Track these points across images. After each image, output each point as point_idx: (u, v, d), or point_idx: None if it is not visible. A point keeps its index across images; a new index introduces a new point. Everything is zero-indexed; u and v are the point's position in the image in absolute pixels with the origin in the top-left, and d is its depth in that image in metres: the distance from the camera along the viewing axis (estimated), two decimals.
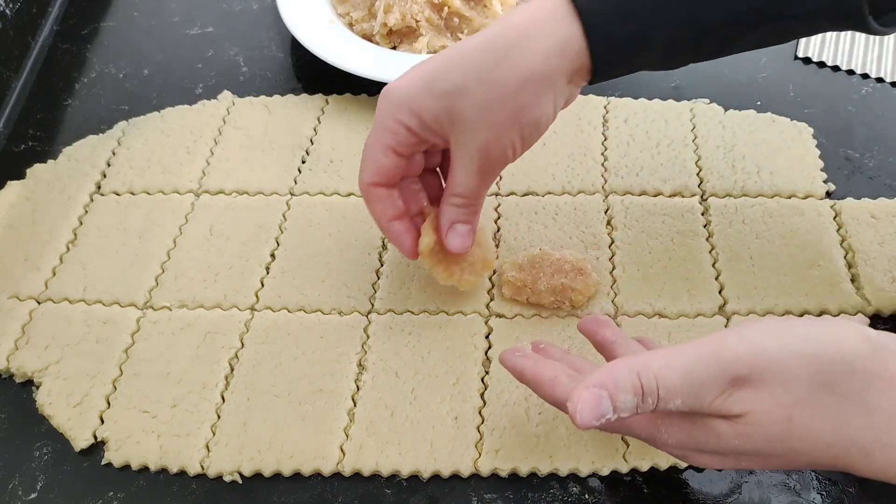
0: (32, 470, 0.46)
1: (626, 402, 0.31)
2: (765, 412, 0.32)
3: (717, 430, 0.33)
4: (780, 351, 0.31)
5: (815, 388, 0.31)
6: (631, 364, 0.32)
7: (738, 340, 0.32)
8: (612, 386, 0.31)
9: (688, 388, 0.31)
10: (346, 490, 0.45)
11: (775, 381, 0.31)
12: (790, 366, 0.31)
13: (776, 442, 0.32)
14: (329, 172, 0.60)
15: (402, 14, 0.64)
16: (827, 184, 0.58)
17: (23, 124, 0.66)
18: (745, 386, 0.32)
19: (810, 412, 0.32)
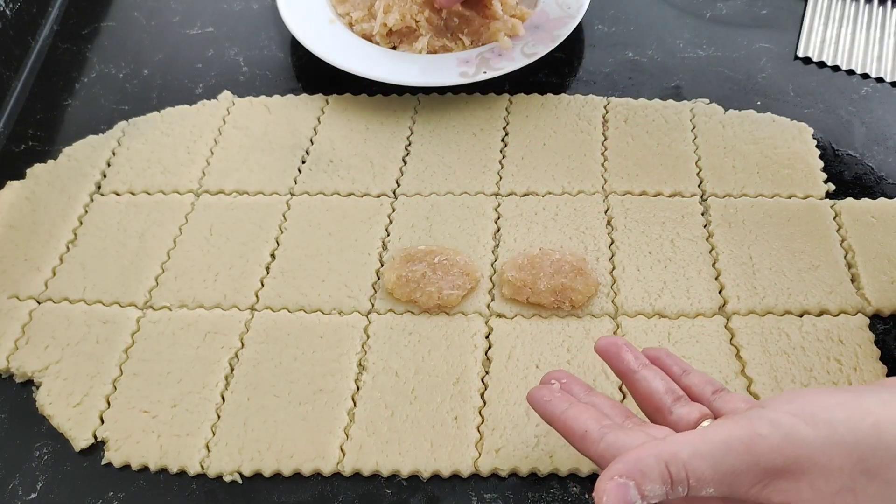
0: (32, 470, 0.46)
1: (653, 490, 0.31)
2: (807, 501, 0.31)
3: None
4: (818, 440, 0.30)
5: (857, 476, 0.30)
6: (659, 453, 0.31)
7: (771, 429, 0.31)
8: (640, 476, 0.31)
9: (720, 478, 0.31)
10: (346, 490, 0.45)
11: (815, 471, 0.30)
12: (830, 455, 0.30)
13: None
14: (329, 172, 0.60)
15: (402, 14, 0.64)
16: (827, 184, 0.58)
17: (23, 124, 0.66)
18: (784, 477, 0.30)
19: (854, 500, 0.31)
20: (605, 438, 0.34)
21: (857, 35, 0.69)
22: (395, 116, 0.64)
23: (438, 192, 0.59)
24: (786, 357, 0.48)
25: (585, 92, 0.65)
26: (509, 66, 0.63)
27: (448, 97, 0.66)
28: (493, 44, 0.65)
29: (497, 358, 0.49)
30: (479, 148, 0.62)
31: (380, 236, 0.56)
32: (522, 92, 0.66)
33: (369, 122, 0.64)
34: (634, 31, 0.71)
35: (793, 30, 0.70)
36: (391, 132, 0.63)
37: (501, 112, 0.64)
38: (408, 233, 0.56)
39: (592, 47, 0.70)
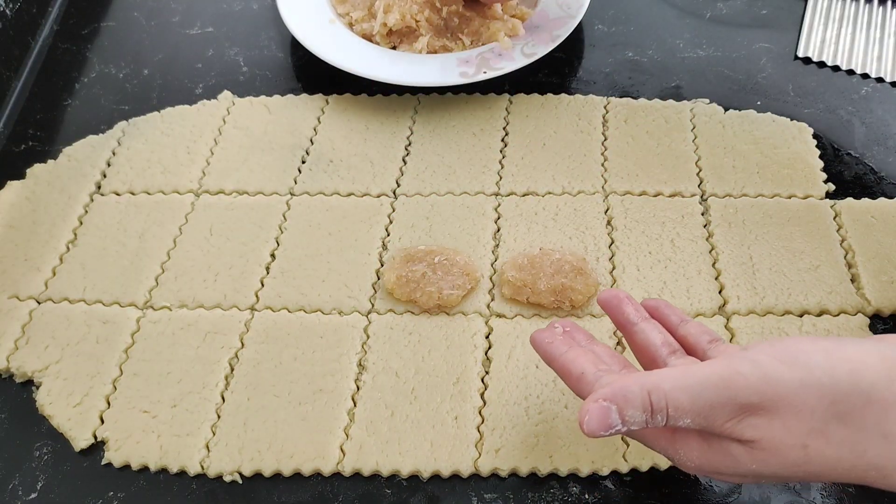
0: (32, 470, 0.46)
1: (634, 416, 0.32)
2: (778, 440, 0.32)
3: (734, 453, 0.33)
4: (794, 381, 0.31)
5: (830, 418, 0.31)
6: (643, 382, 0.33)
7: (751, 368, 0.32)
8: (622, 401, 0.32)
9: (697, 409, 0.32)
10: (346, 490, 0.45)
11: (788, 410, 0.31)
12: (803, 396, 0.31)
13: (794, 467, 0.32)
14: (329, 172, 0.60)
15: (402, 14, 0.64)
16: (827, 184, 0.58)
17: (23, 124, 0.66)
18: (757, 413, 0.31)
19: (825, 441, 0.31)
20: (599, 381, 0.35)
21: (857, 35, 0.69)
22: (395, 116, 0.64)
23: (438, 192, 0.59)
24: None
25: (585, 92, 0.65)
26: (509, 66, 0.63)
27: (448, 97, 0.66)
28: (493, 44, 0.65)
29: (497, 358, 0.49)
30: (479, 148, 0.62)
31: (380, 236, 0.56)
32: (522, 92, 0.66)
33: (369, 122, 0.64)
34: (634, 31, 0.71)
35: (793, 30, 0.70)
36: (391, 132, 0.63)
37: (501, 112, 0.64)
38: (408, 233, 0.56)
39: (592, 47, 0.70)
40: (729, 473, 0.34)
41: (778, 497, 0.43)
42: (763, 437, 0.32)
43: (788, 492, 0.43)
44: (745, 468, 0.33)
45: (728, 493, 0.44)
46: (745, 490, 0.44)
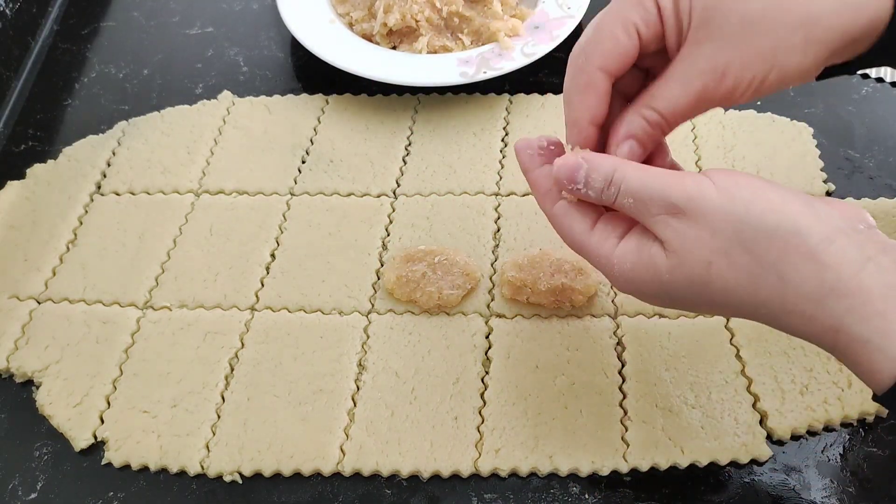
0: (32, 470, 0.46)
1: (595, 181, 0.37)
2: (688, 246, 0.35)
3: (653, 256, 0.36)
4: (716, 202, 0.34)
5: (735, 243, 0.34)
6: (614, 161, 0.37)
7: (694, 182, 0.35)
8: (593, 164, 0.37)
9: (640, 194, 0.36)
10: (346, 490, 0.45)
11: (703, 224, 0.34)
12: (718, 217, 0.34)
13: (698, 286, 0.35)
14: (329, 172, 0.60)
15: (402, 14, 0.64)
16: (827, 184, 0.58)
17: (23, 124, 0.66)
18: (679, 216, 0.35)
19: (727, 263, 0.34)
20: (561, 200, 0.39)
21: None
22: (395, 116, 0.64)
23: (438, 191, 0.59)
24: (786, 357, 0.48)
25: None
26: (509, 66, 0.63)
27: (448, 97, 0.66)
28: (493, 44, 0.65)
29: (497, 358, 0.49)
30: (479, 148, 0.62)
31: (380, 236, 0.56)
32: (522, 92, 0.66)
33: (369, 122, 0.64)
34: None
35: None
36: (391, 132, 0.63)
37: (501, 112, 0.64)
38: (408, 233, 0.56)
39: None
40: (649, 286, 0.37)
41: (778, 497, 0.43)
42: (677, 238, 0.35)
43: (788, 492, 0.43)
44: (660, 279, 0.36)
45: (728, 492, 0.44)
46: (745, 490, 0.44)
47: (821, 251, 0.33)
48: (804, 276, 0.33)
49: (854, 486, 0.44)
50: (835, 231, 0.33)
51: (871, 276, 0.32)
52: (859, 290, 0.32)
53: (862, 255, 0.33)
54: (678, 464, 0.44)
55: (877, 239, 0.34)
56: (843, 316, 0.33)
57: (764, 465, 0.45)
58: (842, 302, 0.33)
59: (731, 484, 0.44)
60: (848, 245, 0.33)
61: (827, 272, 0.33)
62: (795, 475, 0.44)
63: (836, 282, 0.33)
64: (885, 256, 0.33)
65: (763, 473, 0.44)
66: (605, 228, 0.38)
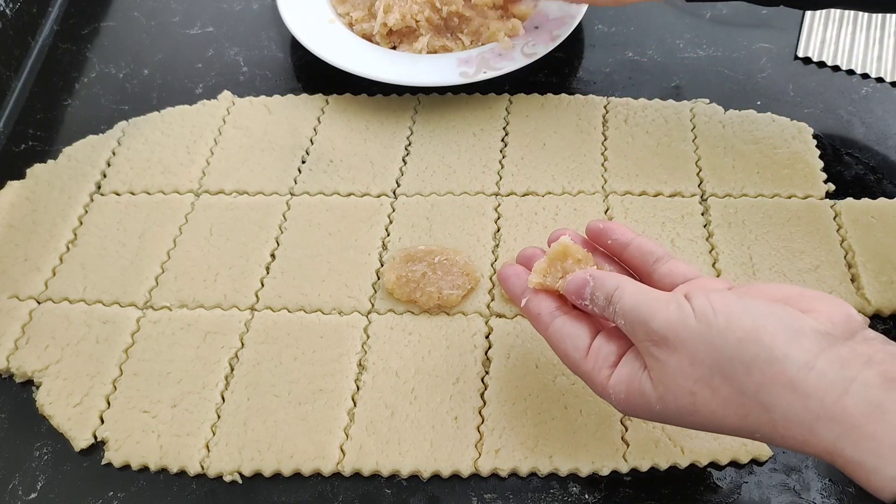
0: (32, 470, 0.46)
1: (598, 298, 0.39)
2: (672, 377, 0.35)
3: (643, 386, 0.37)
4: (695, 332, 0.35)
5: (715, 373, 0.34)
6: (616, 280, 0.39)
7: (674, 308, 0.36)
8: (599, 282, 0.39)
9: (629, 317, 0.37)
10: (346, 490, 0.45)
11: (685, 353, 0.35)
12: (698, 347, 0.35)
13: (687, 415, 0.36)
14: (329, 172, 0.60)
15: (402, 14, 0.64)
16: (827, 184, 0.58)
17: (23, 124, 0.66)
18: (663, 346, 0.36)
19: (711, 393, 0.35)
20: (553, 322, 0.41)
21: (857, 35, 0.69)
22: (395, 116, 0.64)
23: (438, 192, 0.59)
24: None
25: (585, 92, 0.65)
26: (509, 66, 0.63)
27: (448, 97, 0.66)
28: (493, 44, 0.65)
29: (497, 358, 0.49)
30: (479, 148, 0.62)
31: (380, 236, 0.56)
32: (522, 92, 0.66)
33: (369, 122, 0.64)
34: (634, 31, 0.71)
35: (793, 30, 0.70)
36: (391, 132, 0.63)
37: (501, 112, 0.64)
38: (408, 233, 0.56)
39: (592, 47, 0.70)
40: (646, 415, 0.38)
41: (778, 497, 0.43)
42: (660, 368, 0.36)
43: (788, 492, 0.43)
44: (652, 406, 0.37)
45: (728, 492, 0.44)
46: (744, 490, 0.44)
47: (800, 380, 0.33)
48: (789, 405, 0.33)
49: (854, 486, 0.44)
50: (814, 353, 0.33)
51: (854, 399, 0.32)
52: (844, 416, 0.32)
53: (844, 376, 0.32)
54: (678, 464, 0.44)
55: (861, 349, 0.33)
56: (835, 440, 0.32)
57: (764, 465, 0.45)
58: (831, 427, 0.32)
59: (731, 484, 0.44)
60: (829, 368, 0.32)
61: (809, 401, 0.32)
62: (795, 475, 0.44)
63: (821, 409, 0.32)
64: (869, 370, 0.32)
65: (763, 473, 0.44)
66: (598, 357, 0.39)
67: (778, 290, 0.37)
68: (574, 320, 0.41)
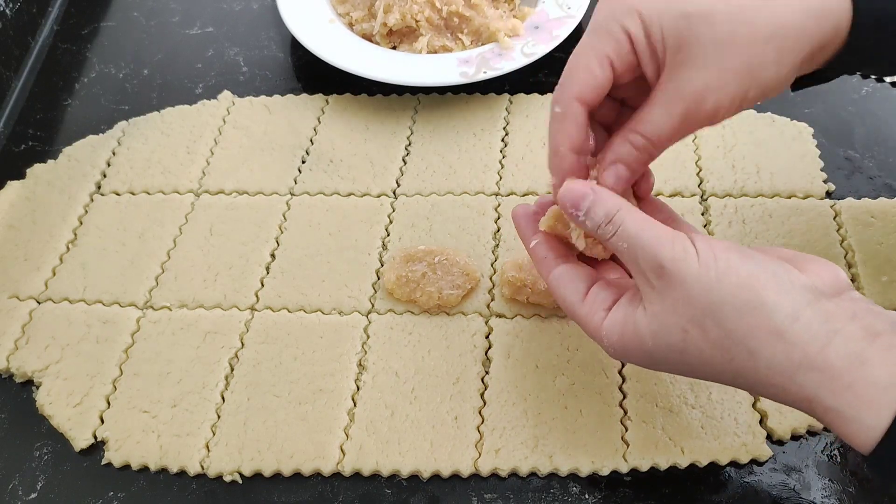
0: (32, 470, 0.46)
1: (597, 214, 0.38)
2: (668, 313, 0.36)
3: (637, 322, 0.37)
4: (695, 272, 0.35)
5: (707, 314, 0.35)
6: (619, 201, 0.38)
7: (681, 246, 0.36)
8: (599, 198, 0.38)
9: (633, 241, 0.37)
10: (346, 490, 0.45)
11: (680, 291, 0.35)
12: (693, 288, 0.35)
13: (676, 354, 0.36)
14: (329, 172, 0.60)
15: (402, 14, 0.64)
16: (827, 184, 0.58)
17: (23, 124, 0.66)
18: (665, 280, 0.36)
19: (701, 334, 0.35)
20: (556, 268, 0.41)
21: None
22: (395, 116, 0.64)
23: (438, 191, 0.59)
24: None
25: None
26: (509, 66, 0.63)
27: (448, 97, 0.66)
28: (493, 44, 0.65)
29: (497, 358, 0.49)
30: (479, 148, 0.62)
31: (380, 236, 0.56)
32: (522, 92, 0.66)
33: (369, 122, 0.64)
34: None
35: None
36: (391, 132, 0.63)
37: (501, 112, 0.64)
38: (408, 233, 0.56)
39: None
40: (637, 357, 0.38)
41: (778, 497, 0.43)
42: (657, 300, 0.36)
43: (788, 492, 0.43)
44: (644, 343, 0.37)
45: (728, 492, 0.44)
46: (744, 490, 0.44)
47: (786, 328, 0.33)
48: (773, 352, 0.34)
49: (854, 486, 0.44)
50: (801, 305, 0.34)
51: (836, 350, 0.33)
52: (826, 366, 0.33)
53: (828, 328, 0.33)
54: (678, 464, 0.44)
55: (846, 306, 0.34)
56: (815, 389, 0.33)
57: (764, 465, 0.45)
58: (811, 376, 0.33)
59: (731, 484, 0.44)
60: (814, 319, 0.34)
61: (794, 349, 0.33)
62: (795, 475, 0.44)
63: (803, 358, 0.33)
64: (853, 324, 0.33)
65: (763, 473, 0.44)
66: (595, 301, 0.39)
67: (774, 251, 0.38)
68: (576, 268, 0.41)
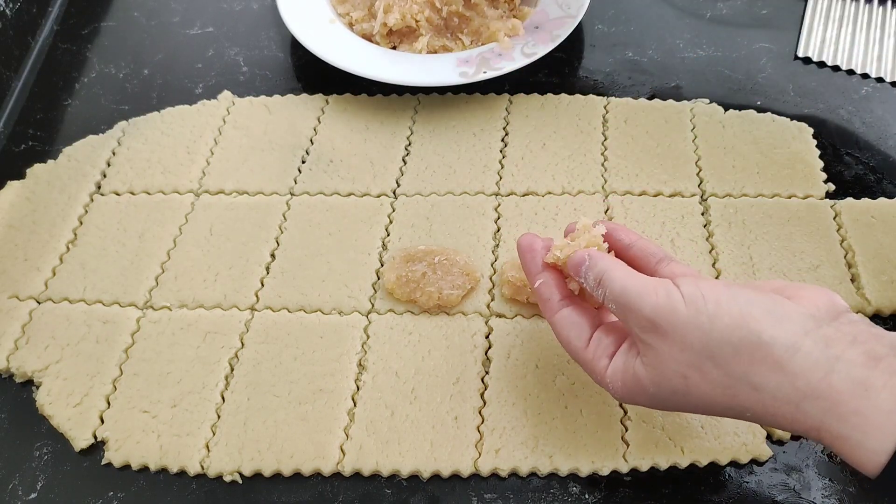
0: (32, 470, 0.46)
1: (589, 277, 0.40)
2: (664, 362, 0.36)
3: (637, 372, 0.38)
4: (684, 317, 0.36)
5: (705, 358, 0.35)
6: (606, 262, 0.40)
7: (665, 294, 0.37)
8: (594, 261, 0.40)
9: (619, 301, 0.38)
10: (346, 490, 0.45)
11: (676, 338, 0.36)
12: (687, 332, 0.36)
13: (679, 396, 0.37)
14: (329, 172, 0.60)
15: (402, 14, 0.64)
16: (827, 184, 0.58)
17: (23, 124, 0.66)
18: (656, 332, 0.37)
19: (701, 378, 0.36)
20: (560, 311, 0.42)
21: (857, 35, 0.69)
22: (395, 116, 0.64)
23: (438, 192, 0.59)
24: None
25: (585, 92, 0.65)
26: (509, 66, 0.63)
27: (448, 97, 0.66)
28: (493, 44, 0.65)
29: (497, 358, 0.49)
30: (479, 148, 0.62)
31: (380, 236, 0.56)
32: (522, 92, 0.66)
33: (369, 122, 0.64)
34: (634, 31, 0.71)
35: (793, 30, 0.70)
36: (391, 132, 0.63)
37: (501, 112, 0.64)
38: (408, 233, 0.56)
39: (592, 47, 0.70)
40: (642, 401, 0.39)
41: (778, 497, 0.43)
42: (652, 353, 0.37)
43: (788, 492, 0.43)
44: (647, 390, 0.38)
45: (728, 492, 0.44)
46: (744, 490, 0.44)
47: (787, 360, 0.34)
48: (776, 384, 0.34)
49: (854, 486, 0.44)
50: (799, 336, 0.34)
51: (839, 376, 0.33)
52: (831, 393, 0.33)
53: (829, 355, 0.34)
54: (678, 464, 0.44)
55: (846, 330, 0.34)
56: (822, 417, 0.33)
57: (764, 465, 0.45)
58: (817, 404, 0.33)
59: (731, 484, 0.44)
60: (814, 348, 0.34)
61: (797, 380, 0.34)
62: (795, 475, 0.44)
63: (807, 387, 0.34)
64: (853, 349, 0.34)
65: (763, 473, 0.44)
66: (598, 348, 0.40)
67: (765, 284, 0.39)
68: (579, 312, 0.42)
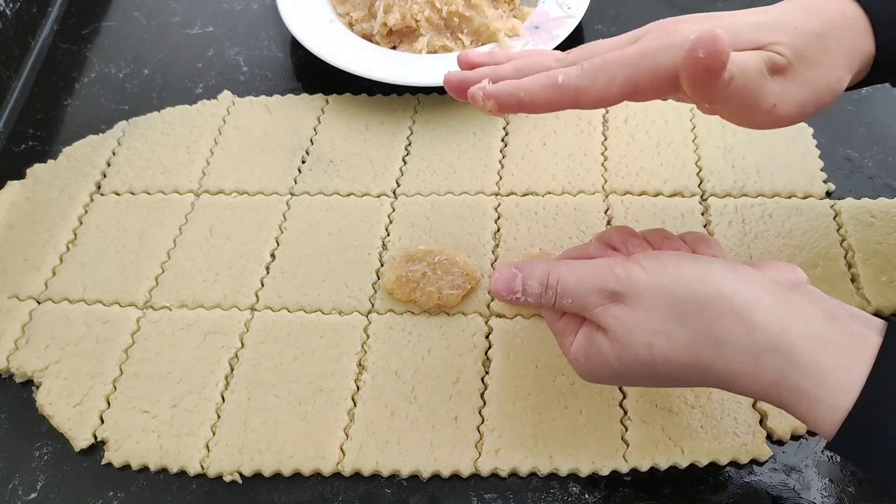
0: (32, 470, 0.46)
1: (532, 287, 0.39)
2: (629, 332, 0.36)
3: (600, 346, 0.38)
4: (646, 282, 0.36)
5: (671, 319, 0.36)
6: (546, 263, 0.40)
7: (623, 269, 0.37)
8: (527, 272, 0.39)
9: (577, 292, 0.38)
10: (346, 490, 0.45)
11: (640, 306, 0.36)
12: (652, 295, 0.36)
13: (644, 366, 0.37)
14: (329, 172, 0.60)
15: (402, 14, 0.64)
16: (827, 184, 0.58)
17: (23, 124, 0.66)
18: (618, 302, 0.37)
19: (667, 341, 0.36)
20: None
21: None
22: (395, 116, 0.64)
23: (438, 191, 0.59)
24: None
25: None
26: None
27: (448, 97, 0.65)
28: (493, 44, 0.65)
29: (497, 358, 0.49)
30: (479, 148, 0.62)
31: (380, 236, 0.56)
32: None
33: (369, 122, 0.64)
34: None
35: None
36: (391, 132, 0.63)
37: None
38: (408, 233, 0.56)
39: None
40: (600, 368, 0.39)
41: (778, 497, 0.43)
42: (617, 324, 0.37)
43: (788, 492, 0.43)
44: (607, 363, 0.38)
45: (727, 492, 0.44)
46: (744, 490, 0.44)
47: (747, 312, 0.35)
48: (737, 337, 0.35)
49: (854, 486, 0.44)
50: (760, 292, 0.35)
51: (798, 329, 0.34)
52: (789, 345, 0.34)
53: (788, 310, 0.34)
54: (678, 464, 0.44)
55: (805, 295, 0.36)
56: (780, 369, 0.34)
57: (764, 465, 0.45)
58: (776, 356, 0.34)
59: (731, 484, 0.44)
60: (773, 303, 0.35)
61: (756, 331, 0.34)
62: (795, 475, 0.44)
63: (766, 339, 0.34)
64: (812, 308, 0.34)
65: (763, 473, 0.44)
66: (566, 326, 0.40)
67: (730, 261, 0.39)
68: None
